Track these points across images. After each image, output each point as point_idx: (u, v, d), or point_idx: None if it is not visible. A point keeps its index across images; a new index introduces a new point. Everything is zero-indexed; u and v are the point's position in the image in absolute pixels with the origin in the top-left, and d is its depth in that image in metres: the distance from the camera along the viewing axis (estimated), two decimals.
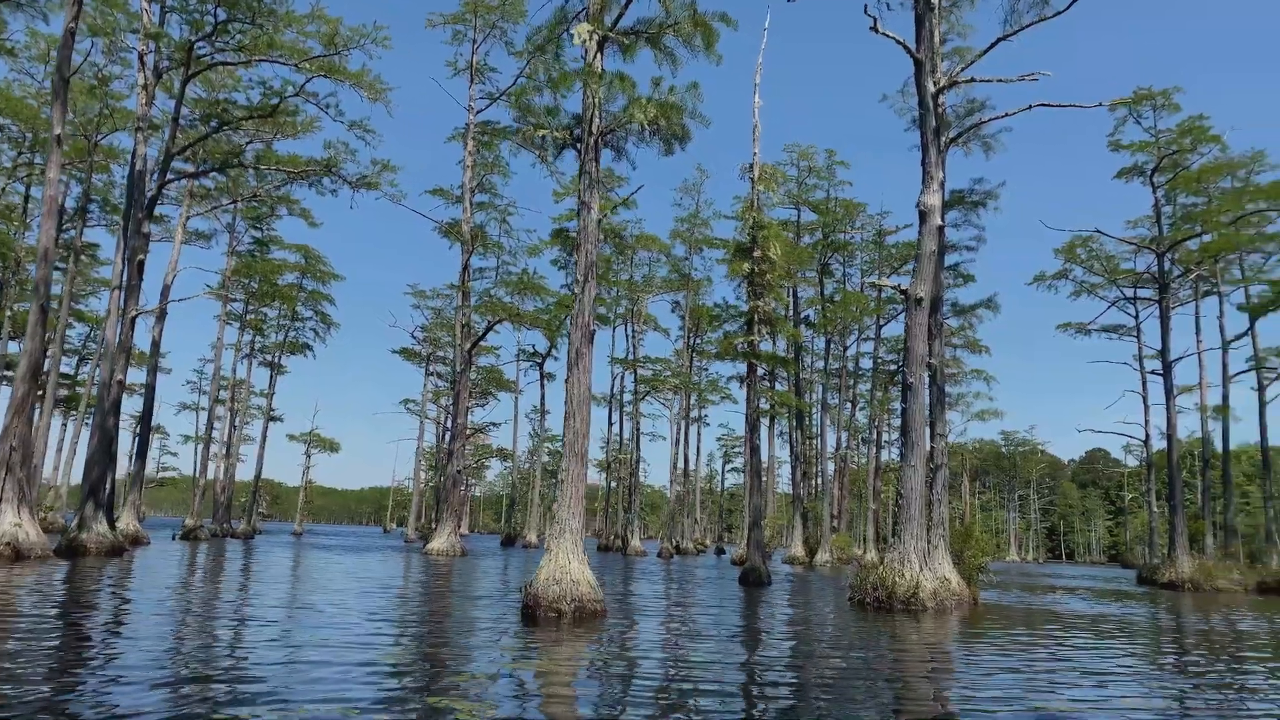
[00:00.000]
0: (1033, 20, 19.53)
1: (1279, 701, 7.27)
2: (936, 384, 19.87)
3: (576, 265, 12.73)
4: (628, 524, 46.04)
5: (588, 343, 12.38)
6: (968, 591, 18.39)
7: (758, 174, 24.27)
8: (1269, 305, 38.29)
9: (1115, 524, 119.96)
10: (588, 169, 12.75)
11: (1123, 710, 6.50)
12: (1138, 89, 36.68)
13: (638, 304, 49.29)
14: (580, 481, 12.09)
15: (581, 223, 12.72)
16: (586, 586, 11.60)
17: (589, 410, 12.35)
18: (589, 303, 12.53)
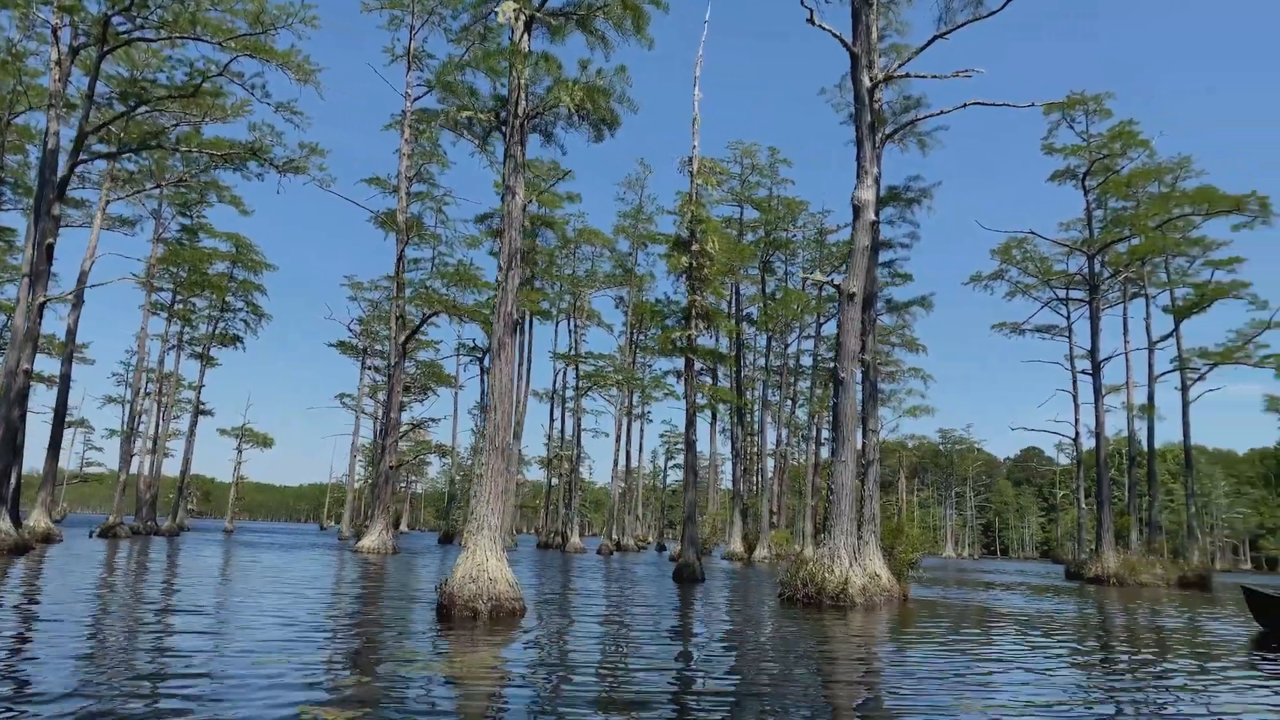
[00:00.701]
0: (967, 19, 19.60)
1: (1203, 702, 7.22)
2: (869, 380, 19.87)
3: (500, 252, 12.29)
4: (568, 521, 45.60)
5: (510, 333, 11.96)
6: (898, 587, 18.42)
7: (696, 168, 24.04)
8: (1192, 308, 39.46)
9: (1048, 520, 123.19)
10: (513, 152, 12.32)
11: (1044, 711, 6.35)
12: (1071, 93, 37.46)
13: (580, 299, 48.83)
14: (500, 476, 11.68)
15: (506, 208, 12.30)
16: (505, 585, 11.19)
17: (511, 403, 11.94)
18: (513, 291, 12.12)
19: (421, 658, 7.59)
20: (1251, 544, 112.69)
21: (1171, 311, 40.83)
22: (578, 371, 48.73)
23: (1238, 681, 8.32)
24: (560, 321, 51.75)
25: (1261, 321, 39.62)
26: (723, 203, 49.48)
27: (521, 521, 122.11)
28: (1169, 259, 41.14)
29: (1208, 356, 40.72)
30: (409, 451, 60.20)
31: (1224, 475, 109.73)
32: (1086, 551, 40.79)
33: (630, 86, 12.26)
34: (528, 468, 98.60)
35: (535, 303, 45.31)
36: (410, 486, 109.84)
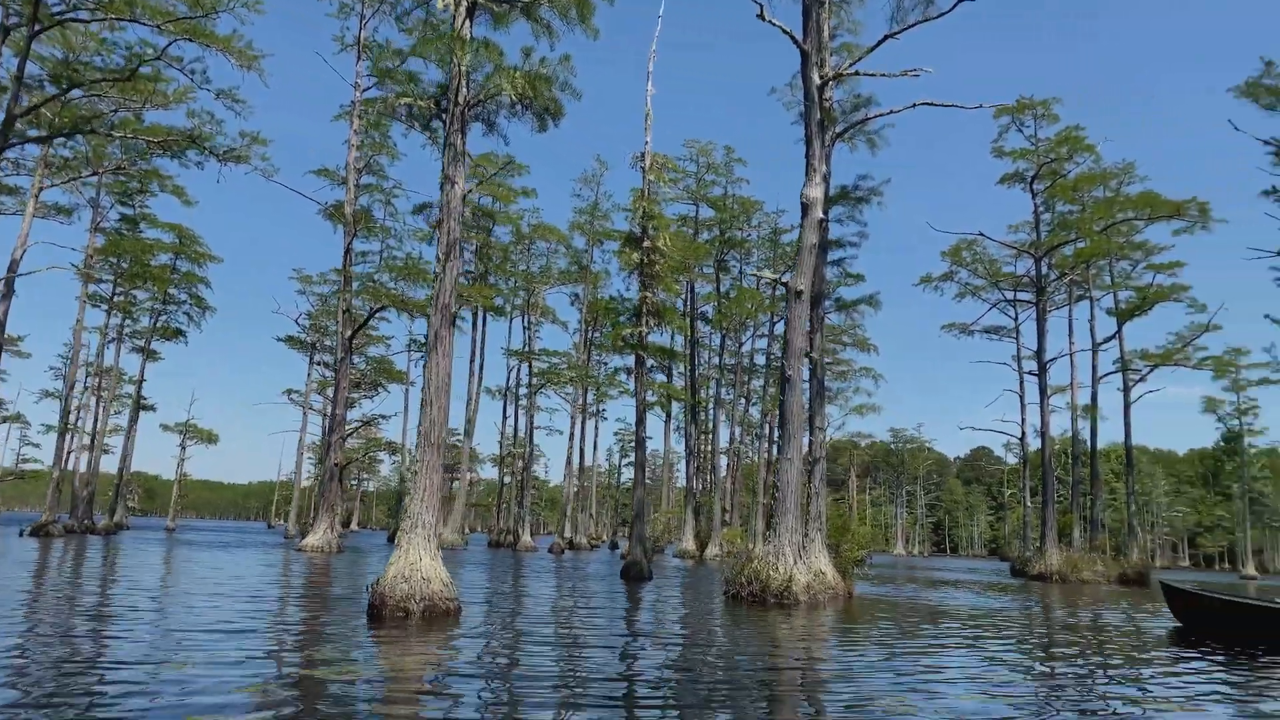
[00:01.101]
0: (918, 20, 19.70)
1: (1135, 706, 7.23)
2: (816, 378, 19.89)
3: (439, 243, 11.99)
4: (520, 519, 45.19)
5: (448, 325, 11.67)
6: (843, 585, 18.46)
7: (649, 163, 23.88)
8: (1134, 310, 40.36)
9: (996, 519, 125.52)
10: (452, 141, 12.03)
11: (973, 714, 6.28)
12: (1020, 98, 38.06)
13: (534, 295, 48.42)
14: (436, 473, 11.39)
15: (445, 198, 12.00)
16: (439, 584, 10.91)
17: (448, 398, 11.65)
18: (451, 283, 11.83)
19: (337, 661, 7.29)
20: (1190, 541, 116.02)
21: (1115, 314, 41.72)
22: (531, 368, 48.33)
23: (1147, 674, 8.38)
24: (515, 318, 51.29)
25: (1200, 325, 40.69)
26: (678, 201, 49.47)
27: (476, 520, 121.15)
28: (1113, 262, 42.05)
29: (1149, 358, 41.72)
30: (358, 449, 59.25)
31: (1164, 475, 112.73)
32: (1032, 549, 41.43)
33: (574, 76, 12.05)
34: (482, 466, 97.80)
35: (488, 298, 44.82)
36: (361, 484, 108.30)
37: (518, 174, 50.28)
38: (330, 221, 37.62)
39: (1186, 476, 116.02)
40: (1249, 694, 7.52)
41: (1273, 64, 27.37)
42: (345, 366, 33.94)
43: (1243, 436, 70.84)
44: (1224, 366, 45.84)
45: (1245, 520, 76.85)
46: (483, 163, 48.84)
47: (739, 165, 48.30)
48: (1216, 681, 8.13)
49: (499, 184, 47.55)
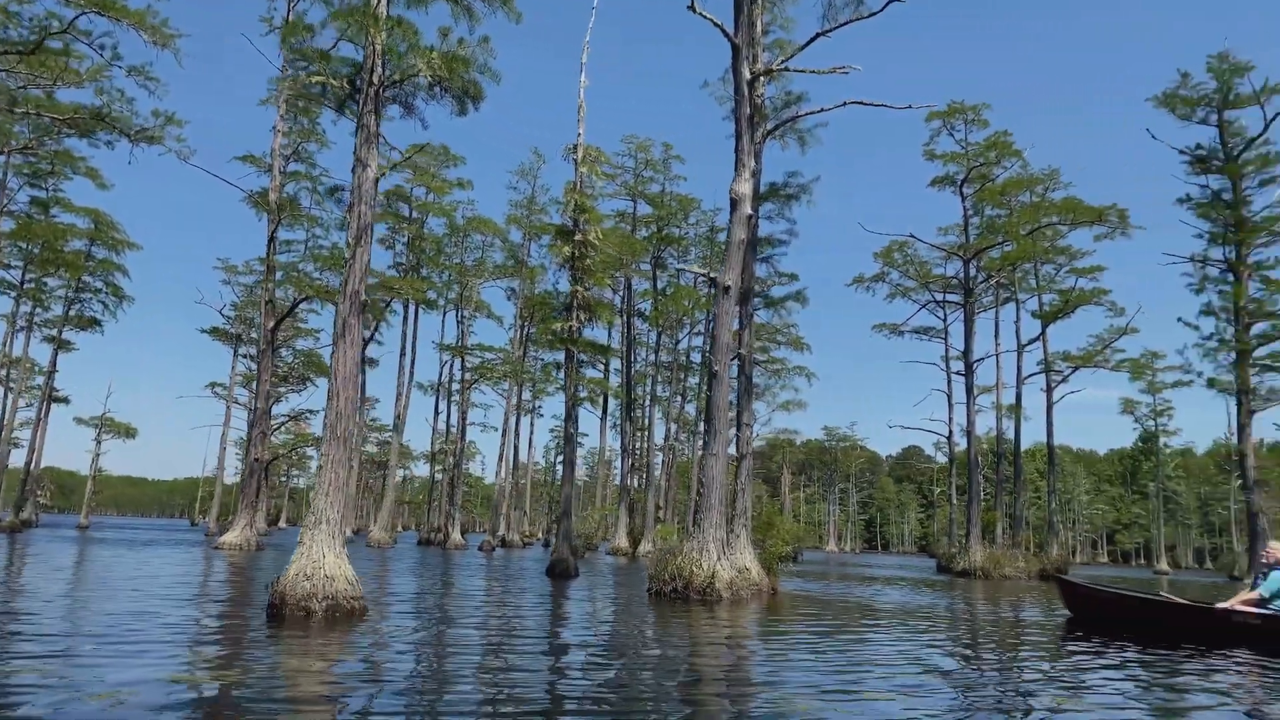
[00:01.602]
0: (849, 19, 19.77)
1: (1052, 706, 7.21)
2: (745, 374, 19.85)
3: (349, 227, 11.53)
4: (450, 517, 44.45)
5: (357, 314, 11.23)
6: (768, 581, 18.46)
7: (581, 155, 23.57)
8: (1058, 313, 41.48)
9: (926, 516, 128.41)
10: (365, 122, 11.57)
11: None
12: (951, 103, 38.75)
13: (468, 289, 47.65)
14: (342, 467, 10.94)
15: (356, 181, 11.54)
16: (343, 582, 10.47)
17: (356, 389, 11.20)
18: (361, 270, 11.38)
19: (215, 665, 6.86)
20: (1109, 538, 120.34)
21: (1039, 316, 42.84)
22: (463, 363, 47.57)
23: (1039, 666, 8.44)
24: (448, 311, 50.43)
25: (1118, 328, 42.03)
26: (616, 197, 49.28)
27: (410, 518, 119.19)
28: (1038, 266, 43.18)
29: (1070, 360, 42.93)
30: (285, 444, 57.69)
31: (1086, 474, 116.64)
32: (957, 546, 42.31)
33: (494, 58, 11.69)
34: (416, 463, 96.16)
35: (421, 291, 43.94)
36: (291, 481, 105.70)
37: (452, 165, 49.54)
38: (255, 209, 36.41)
39: (1106, 476, 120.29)
40: (1132, 679, 7.61)
41: (1189, 76, 28.32)
42: (268, 359, 32.92)
43: (1158, 437, 73.55)
44: (1140, 369, 47.47)
45: (1159, 518, 79.86)
46: (418, 153, 47.93)
47: (677, 162, 48.38)
48: (1096, 667, 8.22)
49: (433, 175, 46.70)
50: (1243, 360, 26.46)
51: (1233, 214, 27.08)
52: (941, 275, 44.26)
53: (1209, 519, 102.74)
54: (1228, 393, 28.33)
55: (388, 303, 47.69)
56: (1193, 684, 7.84)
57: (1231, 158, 27.42)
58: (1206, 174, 27.98)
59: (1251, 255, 27.52)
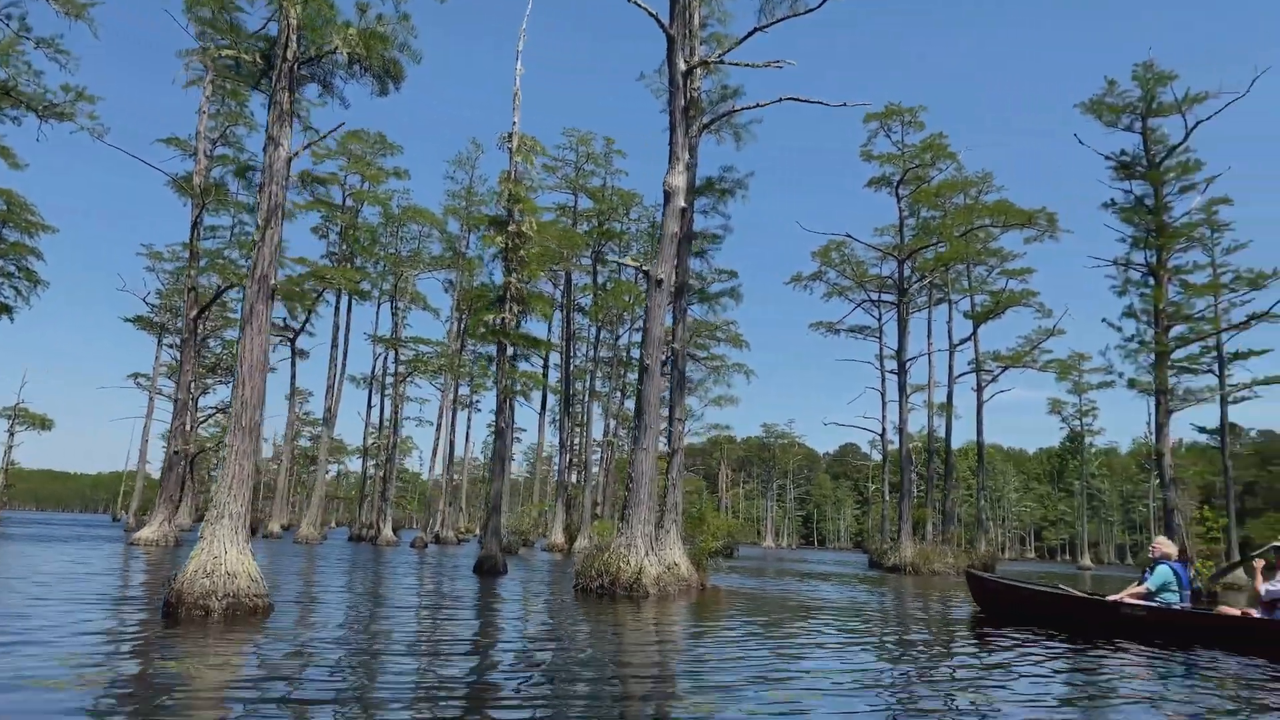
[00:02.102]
0: (785, 15, 19.71)
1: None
2: (677, 368, 19.71)
3: (259, 208, 11.02)
4: (382, 512, 43.55)
5: (266, 299, 10.73)
6: (697, 577, 18.36)
7: (516, 144, 23.16)
8: (989, 314, 42.35)
9: (862, 513, 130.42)
10: (278, 99, 11.06)
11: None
12: (889, 104, 39.23)
13: (403, 280, 46.70)
14: (247, 459, 10.45)
15: (268, 160, 11.02)
16: (246, 580, 9.99)
17: (263, 378, 10.71)
18: (271, 253, 10.88)
19: (82, 666, 6.39)
20: (1036, 535, 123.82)
21: (971, 317, 43.69)
22: (397, 356, 46.64)
23: (934, 658, 8.43)
24: (383, 303, 49.41)
25: (1046, 329, 43.10)
26: (557, 190, 48.85)
27: (345, 514, 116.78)
28: (971, 267, 44.03)
29: (1000, 359, 43.89)
30: (212, 438, 55.95)
31: (1015, 473, 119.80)
32: (889, 542, 42.95)
33: (415, 37, 11.28)
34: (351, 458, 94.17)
35: (353, 281, 42.93)
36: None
37: (389, 153, 48.52)
38: (179, 193, 35.09)
39: (1034, 474, 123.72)
40: (1033, 666, 7.63)
41: (1115, 84, 29.04)
42: (191, 348, 31.75)
43: (1083, 437, 75.78)
44: (1067, 369, 48.80)
45: (1084, 515, 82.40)
46: (353, 140, 46.84)
47: (619, 157, 48.11)
48: (981, 655, 8.24)
49: (368, 162, 45.68)
50: (1161, 361, 27.25)
51: (1154, 219, 27.87)
52: (877, 275, 44.85)
53: (1130, 516, 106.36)
54: (1147, 393, 29.18)
55: (320, 293, 46.55)
56: (1088, 673, 8.07)
57: (1154, 164, 28.23)
58: (1130, 180, 28.75)
59: (1171, 260, 28.36)
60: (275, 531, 45.77)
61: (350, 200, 46.85)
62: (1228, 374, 34.52)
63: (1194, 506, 45.71)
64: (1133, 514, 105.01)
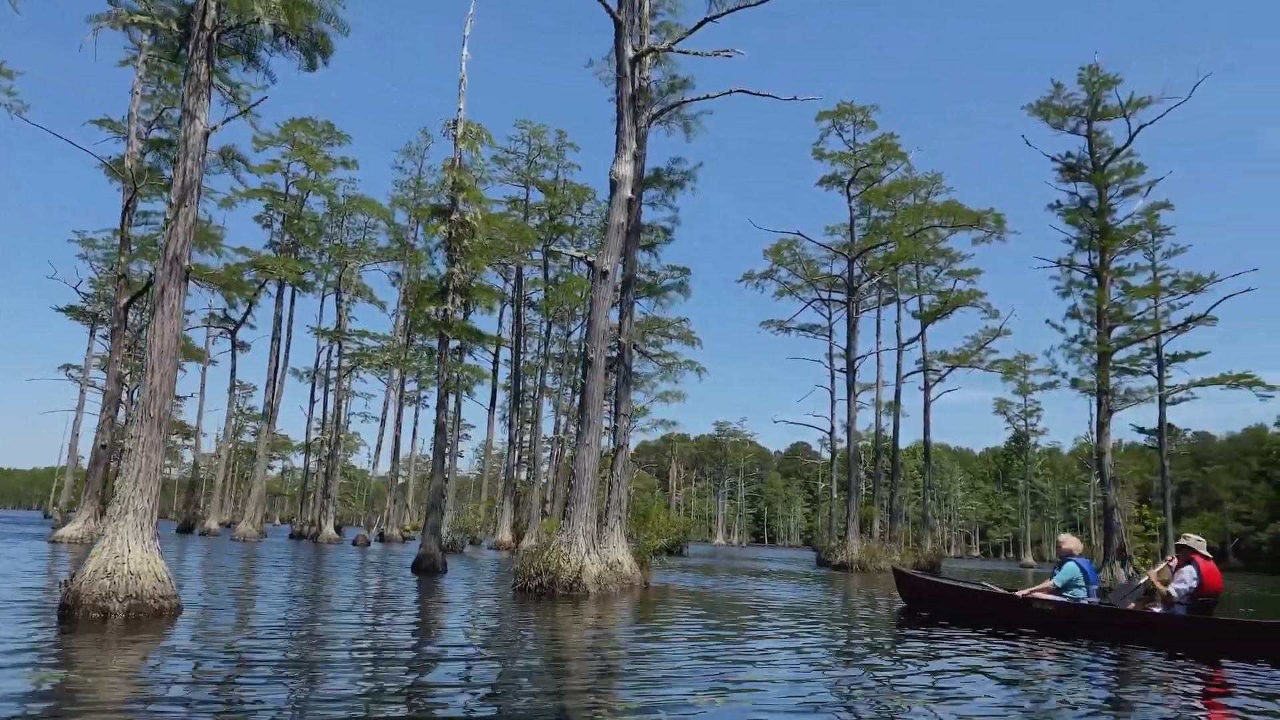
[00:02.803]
0: (736, 5, 19.46)
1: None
2: (624, 363, 19.33)
3: (173, 185, 10.36)
4: (324, 509, 42.46)
5: (179, 282, 10.08)
6: (640, 575, 18.02)
7: (461, 131, 22.53)
8: (937, 314, 42.71)
9: (812, 510, 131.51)
10: (195, 70, 10.41)
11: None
12: (841, 103, 39.29)
13: (348, 271, 45.58)
14: (155, 451, 9.80)
15: (183, 134, 10.37)
16: (151, 580, 9.35)
17: (174, 364, 10.06)
18: (185, 232, 10.23)
19: None
20: (981, 533, 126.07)
21: (919, 316, 44.03)
22: (340, 350, 45.51)
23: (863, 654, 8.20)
24: (328, 295, 48.19)
25: (993, 329, 43.60)
26: (508, 182, 48.12)
27: (290, 511, 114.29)
28: (920, 267, 44.37)
29: (947, 359, 44.32)
30: None
31: (962, 472, 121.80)
32: (837, 540, 43.10)
33: (343, 8, 10.71)
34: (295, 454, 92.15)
35: (297, 272, 41.77)
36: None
37: (337, 142, 47.36)
38: (112, 178, 33.74)
39: (980, 473, 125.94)
40: (952, 660, 7.43)
41: (1061, 86, 29.36)
42: (121, 338, 30.51)
43: (1028, 436, 77.11)
44: (1012, 369, 49.47)
45: (1027, 513, 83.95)
46: (299, 129, 45.61)
47: (571, 150, 47.50)
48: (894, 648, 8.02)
49: (314, 151, 44.51)
50: (1103, 362, 27.62)
51: (1098, 221, 28.23)
52: (828, 274, 44.97)
53: (1072, 515, 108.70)
54: (1089, 393, 29.59)
55: (262, 284, 45.23)
56: (1001, 664, 8.11)
57: (1098, 167, 28.60)
58: (1076, 182, 29.09)
59: (1114, 262, 28.77)
60: (213, 529, 44.42)
61: (295, 189, 45.58)
62: (1166, 376, 35.23)
63: (1132, 505, 46.68)
64: (1074, 513, 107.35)
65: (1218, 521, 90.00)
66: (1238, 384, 32.59)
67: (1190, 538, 10.60)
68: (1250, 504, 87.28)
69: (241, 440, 73.89)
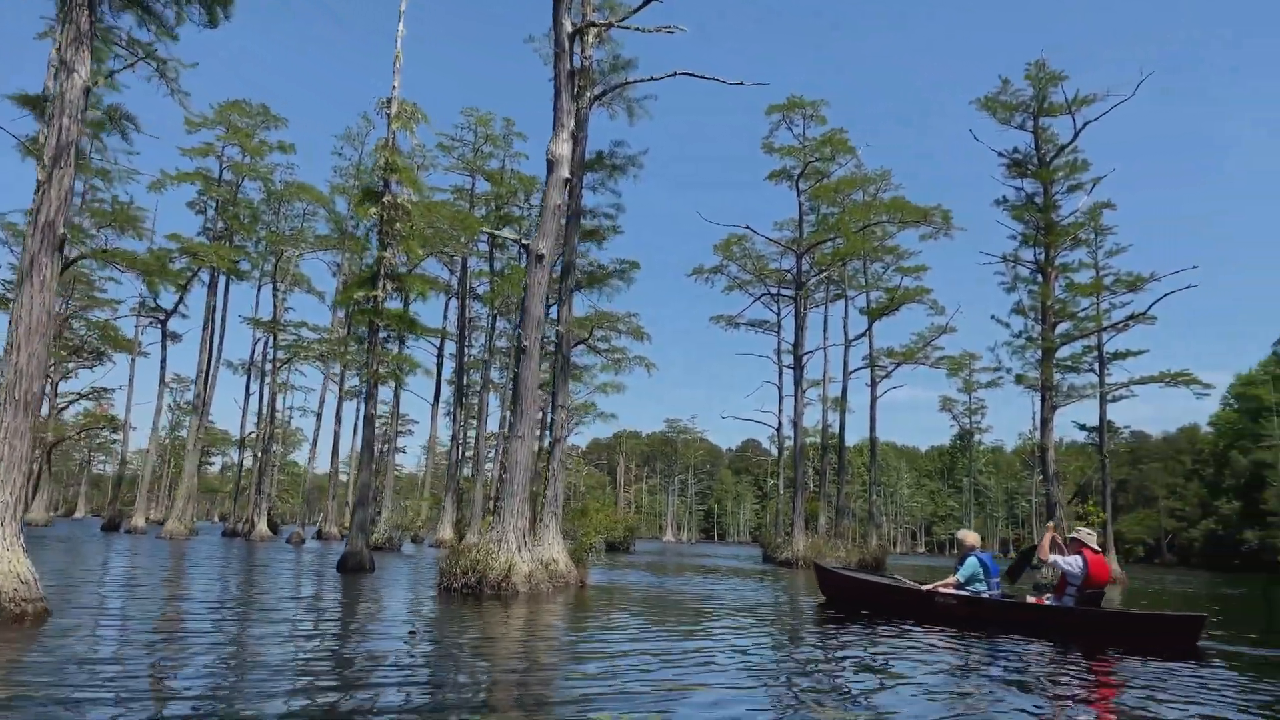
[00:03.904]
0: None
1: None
2: (562, 353, 18.58)
3: (46, 144, 9.36)
4: (258, 506, 40.93)
5: (51, 251, 9.09)
6: (576, 573, 17.33)
7: (395, 110, 21.53)
8: (884, 310, 42.66)
9: (761, 507, 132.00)
10: (75, 18, 9.40)
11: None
12: (790, 96, 38.94)
13: (284, 259, 44.01)
14: (20, 439, 8.80)
15: (60, 89, 9.37)
16: (13, 581, 8.38)
17: (44, 344, 9.07)
18: (59, 198, 9.25)
19: None
20: (927, 530, 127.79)
21: (866, 313, 43.95)
22: (275, 341, 43.91)
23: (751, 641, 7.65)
24: (264, 284, 46.54)
25: (939, 326, 43.68)
26: (454, 170, 46.96)
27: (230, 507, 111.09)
28: (867, 264, 44.28)
29: (893, 355, 44.29)
30: (73, 424, 51.95)
31: (908, 469, 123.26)
32: (783, 536, 42.82)
33: None
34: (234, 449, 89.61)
35: (230, 260, 40.16)
36: (90, 465, 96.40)
37: (273, 126, 45.74)
38: (26, 156, 31.89)
39: (926, 471, 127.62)
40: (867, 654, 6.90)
41: (1009, 82, 29.30)
42: None
43: (972, 434, 78.04)
44: (957, 365, 49.72)
45: (971, 510, 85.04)
46: (233, 110, 43.92)
47: (519, 139, 46.51)
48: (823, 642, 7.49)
49: (248, 134, 42.89)
50: (1048, 357, 27.62)
51: (1043, 217, 28.23)
52: (777, 270, 44.66)
53: (1014, 511, 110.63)
54: (1033, 388, 29.61)
55: (195, 272, 43.49)
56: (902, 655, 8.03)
57: (1044, 163, 28.61)
58: (1022, 177, 29.07)
59: (1059, 257, 28.81)
60: (140, 526, 42.60)
61: (230, 174, 43.87)
62: (1107, 374, 35.52)
63: (1072, 502, 47.28)
64: (1016, 509, 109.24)
65: (1153, 518, 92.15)
66: (1175, 382, 32.99)
67: (1083, 531, 10.93)
68: (1184, 501, 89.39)
69: (178, 435, 71.52)
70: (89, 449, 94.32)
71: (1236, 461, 71.69)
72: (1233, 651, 9.90)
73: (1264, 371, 65.27)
